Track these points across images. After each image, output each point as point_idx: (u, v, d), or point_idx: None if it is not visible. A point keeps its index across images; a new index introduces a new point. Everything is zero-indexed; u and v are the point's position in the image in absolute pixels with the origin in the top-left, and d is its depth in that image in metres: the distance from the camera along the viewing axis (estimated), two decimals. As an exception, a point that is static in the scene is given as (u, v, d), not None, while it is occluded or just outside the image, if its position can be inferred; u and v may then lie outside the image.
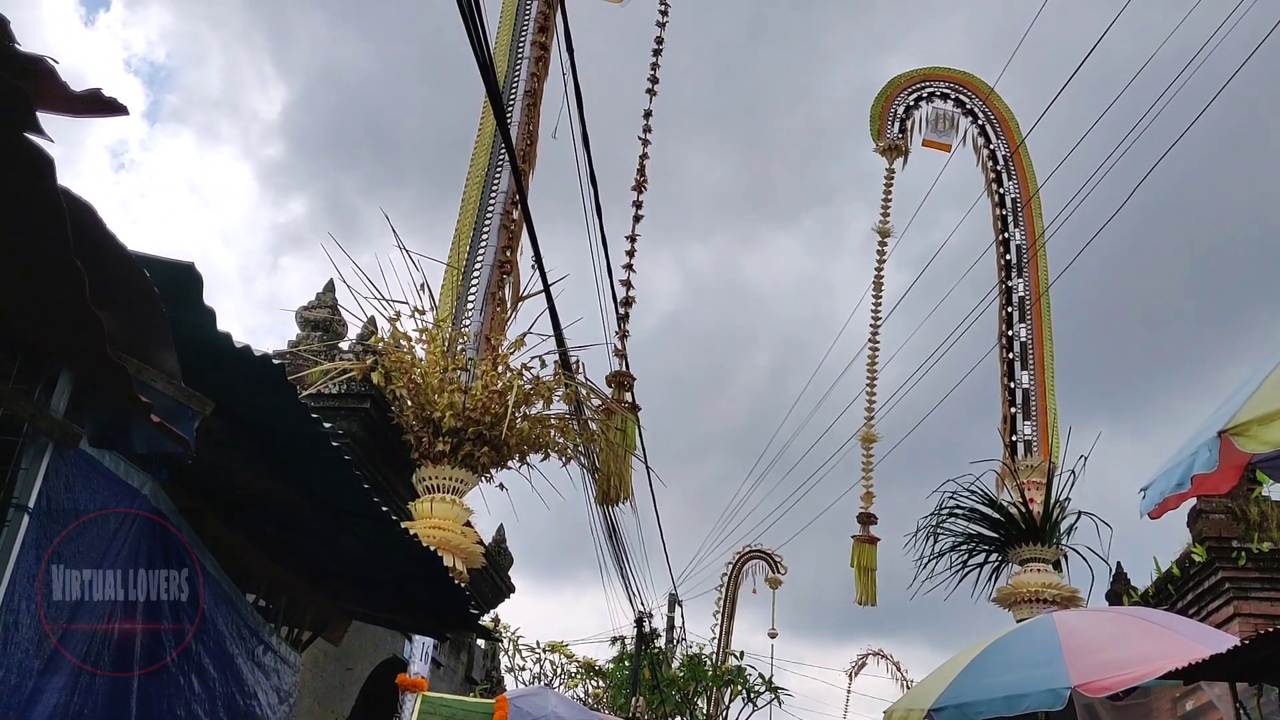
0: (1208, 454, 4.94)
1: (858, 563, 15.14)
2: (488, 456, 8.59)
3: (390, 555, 5.02)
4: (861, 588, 15.02)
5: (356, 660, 8.80)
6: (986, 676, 8.98)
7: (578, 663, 22.19)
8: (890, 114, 17.05)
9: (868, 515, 15.58)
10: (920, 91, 17.06)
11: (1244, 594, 10.67)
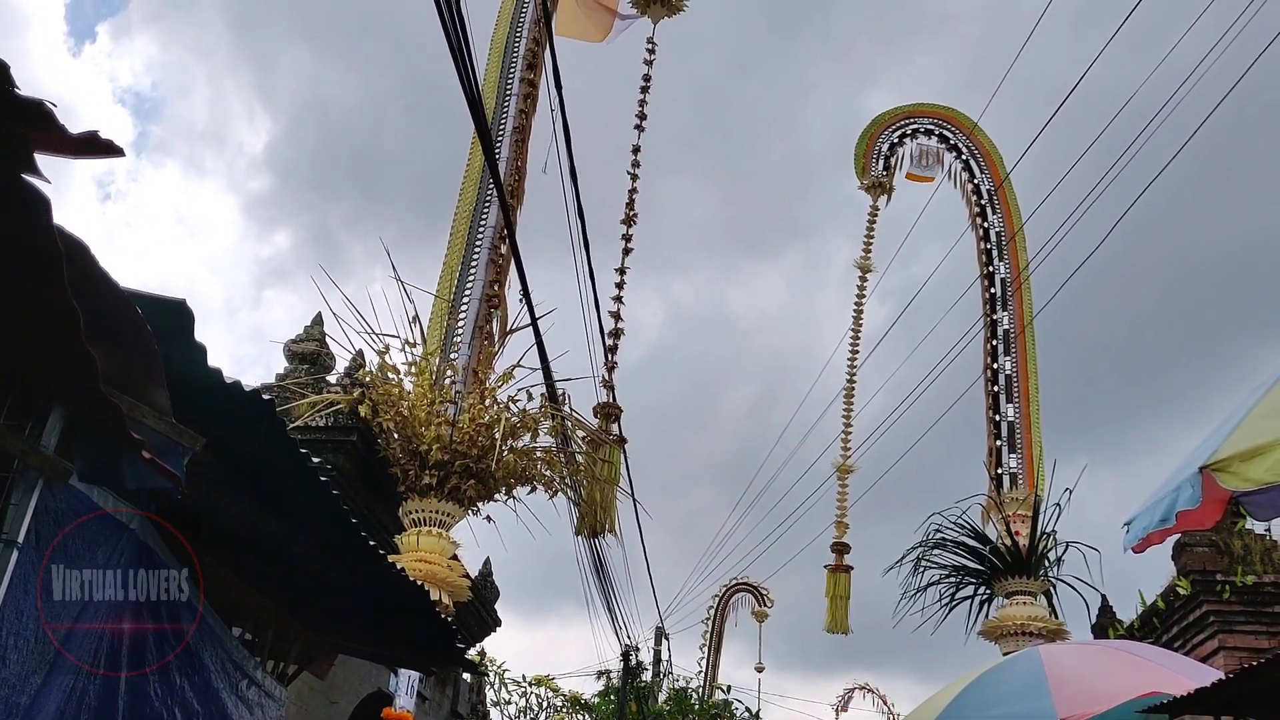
0: (1190, 490, 4.98)
1: (831, 591, 15.22)
2: (474, 489, 8.61)
3: (377, 589, 5.03)
4: (832, 616, 15.08)
5: (341, 694, 8.76)
6: (973, 710, 8.99)
7: (564, 697, 22.08)
8: (874, 151, 17.19)
9: (841, 545, 15.66)
10: (904, 128, 17.21)
11: (1229, 627, 10.70)
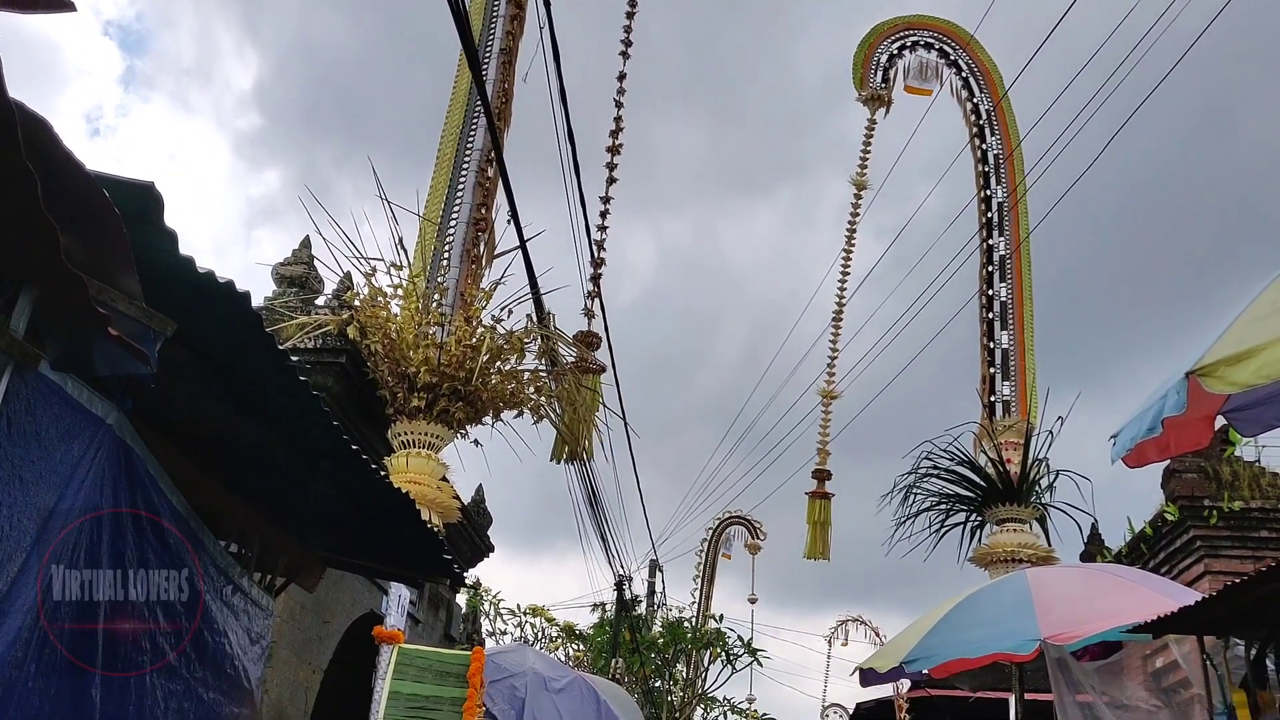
0: (1176, 396, 4.97)
1: (812, 518, 15.21)
2: (463, 412, 8.61)
3: (363, 498, 5.03)
4: (813, 542, 15.10)
5: (333, 614, 8.82)
6: (958, 630, 9.08)
7: (558, 627, 22.29)
8: (873, 62, 16.91)
9: (823, 472, 15.63)
10: (904, 40, 16.91)
11: (1214, 552, 10.79)
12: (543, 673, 10.80)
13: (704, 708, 26.54)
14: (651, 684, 23.64)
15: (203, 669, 4.60)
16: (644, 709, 21.18)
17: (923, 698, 25.85)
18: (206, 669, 4.64)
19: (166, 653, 4.29)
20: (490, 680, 9.79)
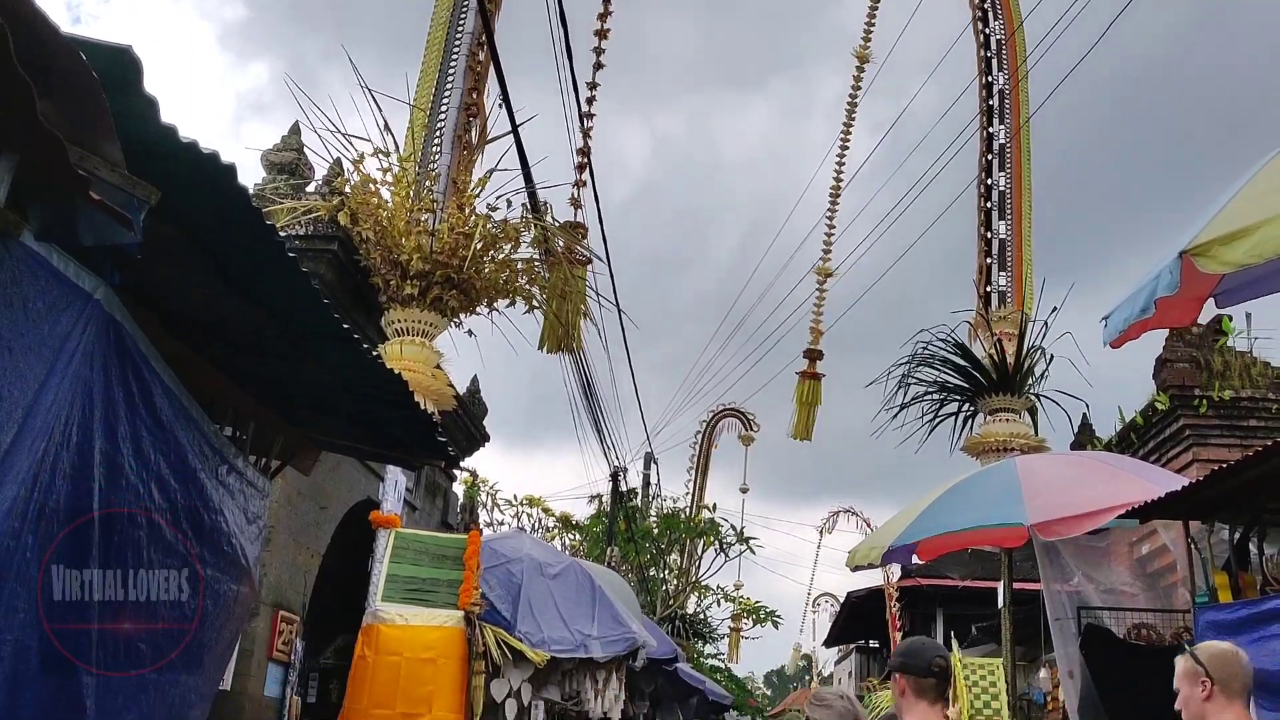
0: (1169, 276, 4.96)
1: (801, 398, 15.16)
2: (456, 300, 8.60)
3: (355, 380, 5.04)
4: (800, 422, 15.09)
5: (331, 500, 8.92)
6: (946, 516, 9.20)
7: (554, 517, 22.60)
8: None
9: (815, 352, 15.55)
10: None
11: (1203, 440, 10.89)
12: (538, 558, 10.97)
13: (698, 595, 27.09)
14: (646, 572, 24.08)
15: (200, 546, 4.66)
16: (639, 596, 21.61)
17: (913, 586, 26.39)
18: (204, 546, 4.70)
19: (163, 529, 4.34)
20: (486, 566, 9.94)
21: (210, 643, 4.94)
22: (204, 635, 4.82)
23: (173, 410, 4.29)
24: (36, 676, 3.60)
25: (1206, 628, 6.59)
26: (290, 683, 8.19)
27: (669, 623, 23.13)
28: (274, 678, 8.01)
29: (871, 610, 30.22)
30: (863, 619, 31.51)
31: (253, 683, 7.70)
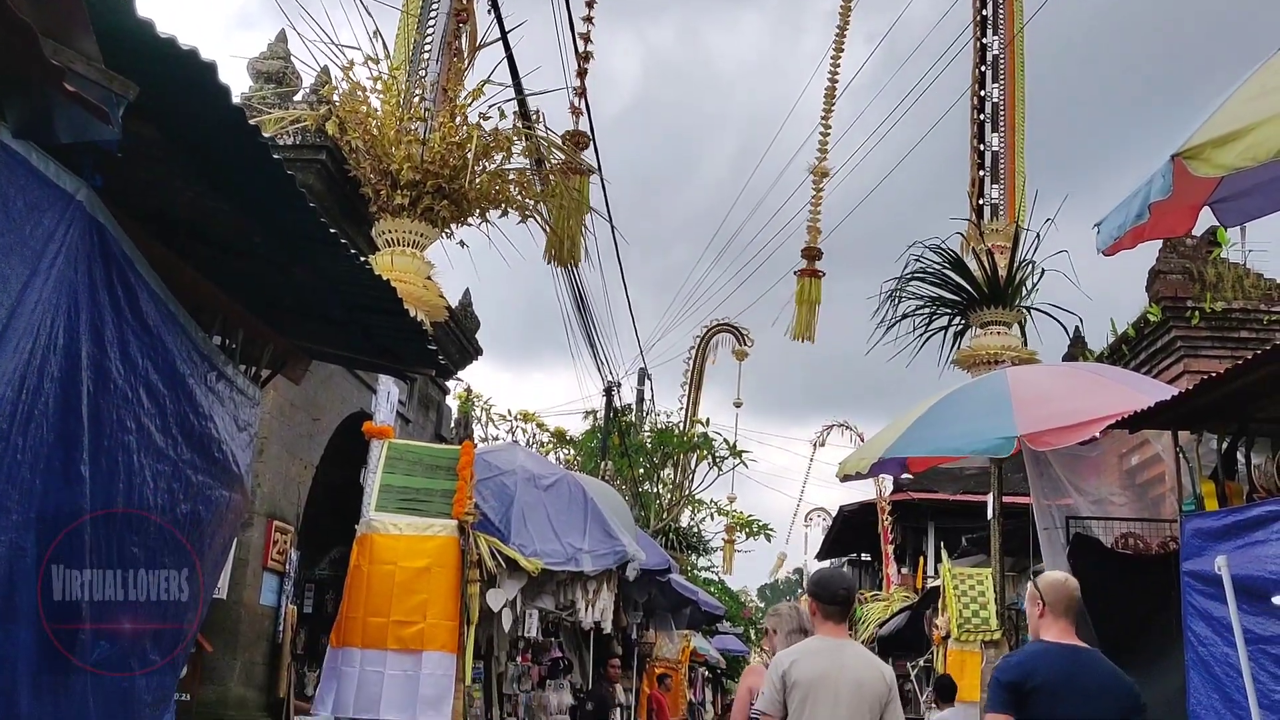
0: (1162, 180, 4.92)
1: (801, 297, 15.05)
2: (447, 210, 8.53)
3: (344, 286, 5.01)
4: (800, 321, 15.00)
5: (323, 412, 8.95)
6: (936, 427, 9.24)
7: (549, 432, 22.68)
8: None
9: (813, 250, 15.43)
10: None
11: (1194, 352, 10.91)
12: (532, 470, 11.03)
13: (691, 509, 27.34)
14: (640, 487, 24.27)
15: (190, 451, 4.67)
16: (633, 510, 21.81)
17: (904, 500, 26.66)
18: (194, 452, 4.71)
19: (153, 434, 4.34)
20: (480, 477, 10.00)
21: (204, 549, 4.97)
22: (197, 541, 4.85)
23: (160, 315, 4.27)
24: (29, 572, 3.63)
25: (1192, 535, 6.65)
26: (286, 592, 8.30)
27: (662, 536, 23.37)
28: (269, 587, 8.10)
29: (863, 524, 30.54)
30: (854, 532, 31.86)
31: (249, 592, 7.80)
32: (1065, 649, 4.93)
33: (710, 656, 27.07)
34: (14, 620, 3.62)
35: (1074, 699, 4.75)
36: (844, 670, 5.12)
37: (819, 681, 5.04)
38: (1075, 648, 4.98)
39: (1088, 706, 4.75)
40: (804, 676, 5.08)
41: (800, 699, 5.02)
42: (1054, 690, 4.75)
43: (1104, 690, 4.85)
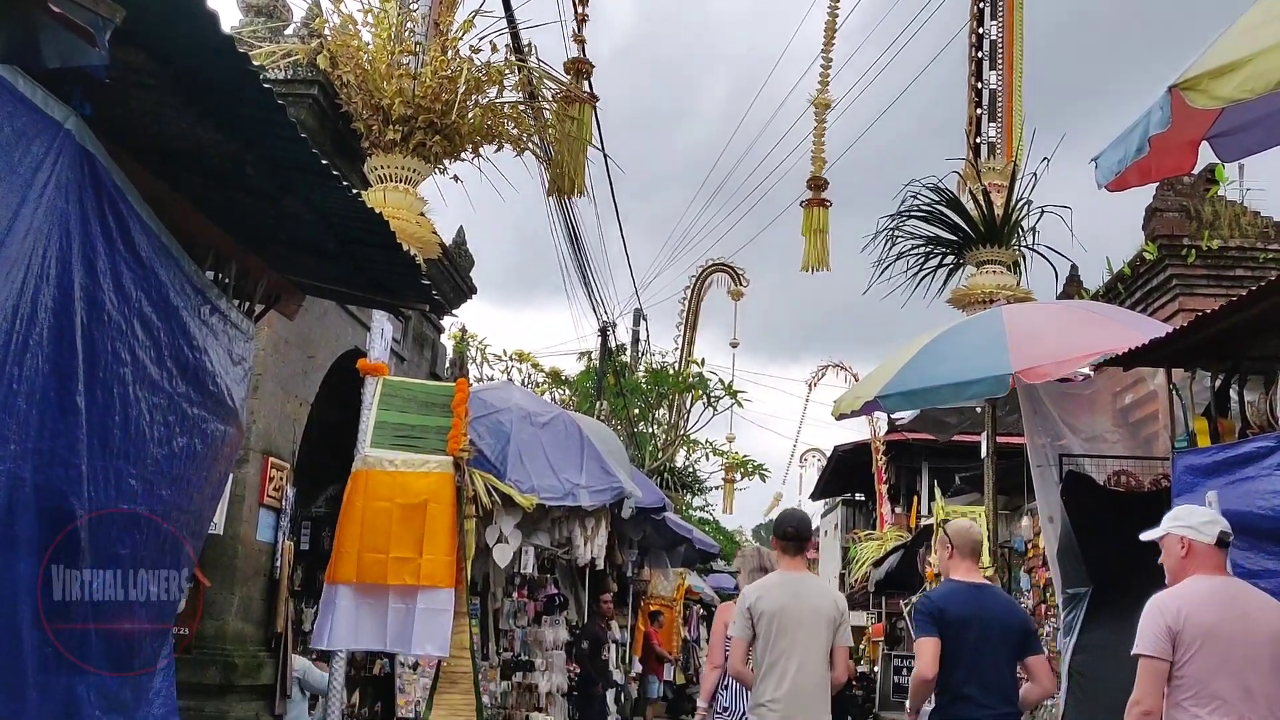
0: (1160, 112, 4.88)
1: (808, 227, 14.90)
2: (440, 145, 8.45)
3: (336, 218, 4.98)
4: (811, 251, 14.86)
5: (318, 349, 8.95)
6: (931, 365, 9.25)
7: (544, 372, 22.72)
8: None
9: (819, 180, 15.27)
10: None
11: (1189, 290, 10.93)
12: (527, 408, 11.08)
13: (686, 449, 27.48)
14: (635, 427, 24.36)
15: (185, 384, 4.67)
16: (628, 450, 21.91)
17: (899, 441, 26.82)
18: (189, 385, 4.71)
19: (148, 367, 4.34)
20: (475, 415, 10.03)
21: (200, 482, 4.99)
22: (193, 474, 4.87)
23: (152, 247, 4.25)
24: (29, 503, 3.64)
25: (1184, 472, 6.69)
26: (282, 528, 8.34)
27: (658, 475, 23.50)
28: (266, 523, 8.15)
29: (858, 464, 30.77)
30: (849, 472, 32.11)
31: (245, 527, 7.84)
32: (971, 586, 5.90)
33: (705, 594, 27.35)
34: (14, 550, 3.64)
35: (977, 627, 5.68)
36: (802, 600, 6.15)
37: (781, 611, 6.05)
38: (979, 585, 5.99)
39: (988, 632, 5.70)
40: (768, 607, 6.08)
41: (766, 625, 6.03)
42: (962, 620, 5.67)
43: (1001, 619, 5.82)
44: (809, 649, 6.02)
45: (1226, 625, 4.57)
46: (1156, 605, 4.75)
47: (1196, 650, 4.53)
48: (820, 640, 6.07)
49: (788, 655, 5.98)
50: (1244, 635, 4.55)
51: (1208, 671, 4.51)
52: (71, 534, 3.93)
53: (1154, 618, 4.69)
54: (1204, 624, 4.57)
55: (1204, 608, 4.62)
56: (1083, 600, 8.38)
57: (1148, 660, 4.65)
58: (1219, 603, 4.66)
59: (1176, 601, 4.70)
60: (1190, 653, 4.54)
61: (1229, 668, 4.50)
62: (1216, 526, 4.94)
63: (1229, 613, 4.62)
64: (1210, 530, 4.90)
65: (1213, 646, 4.52)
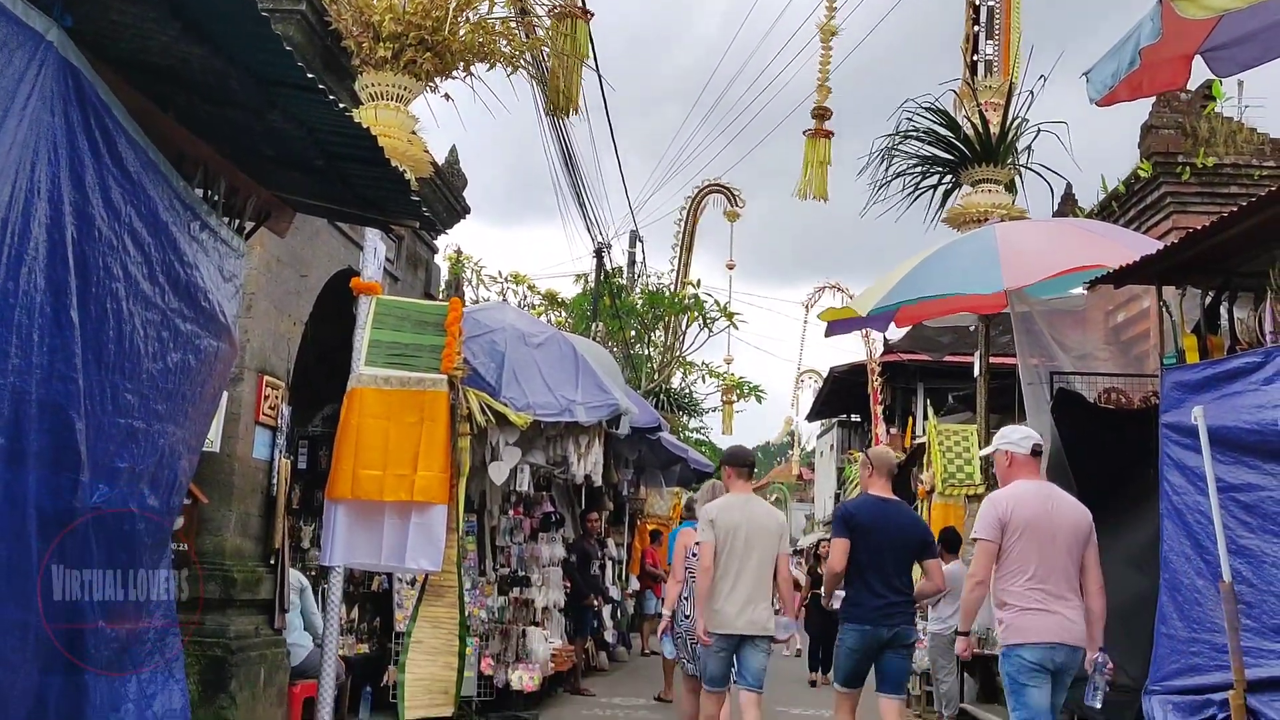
0: (1151, 24, 4.87)
1: (810, 157, 14.86)
2: (431, 63, 8.37)
3: (323, 134, 4.97)
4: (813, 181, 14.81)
5: (311, 269, 8.95)
6: (923, 282, 9.30)
7: (540, 294, 22.72)
8: None
9: (823, 110, 15.18)
10: None
11: (1183, 208, 10.92)
12: (521, 328, 11.14)
13: (683, 371, 27.57)
14: (632, 349, 24.41)
15: (178, 300, 4.69)
16: (624, 371, 21.99)
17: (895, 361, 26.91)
18: (181, 300, 4.73)
19: (140, 282, 4.36)
20: (470, 335, 10.08)
21: (194, 397, 5.04)
22: (187, 389, 4.91)
23: (140, 162, 4.25)
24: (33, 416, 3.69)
25: (1172, 388, 6.75)
26: (279, 446, 8.41)
27: (654, 397, 23.61)
28: (262, 441, 8.21)
29: (853, 385, 30.88)
30: (845, 393, 32.22)
31: (241, 445, 7.91)
32: (881, 499, 7.16)
33: (701, 514, 27.58)
34: (23, 464, 3.70)
35: (883, 533, 6.96)
36: (751, 516, 7.54)
37: (734, 526, 7.43)
38: (888, 499, 7.23)
39: (891, 539, 6.98)
40: (724, 521, 7.44)
41: (724, 535, 7.40)
42: (871, 527, 6.94)
43: (904, 529, 7.15)
44: (759, 556, 7.40)
45: (1040, 518, 6.06)
46: (991, 501, 6.28)
47: (1018, 536, 6.03)
48: (768, 548, 7.46)
49: (742, 559, 7.35)
50: (1050, 526, 6.06)
51: (1025, 552, 6.01)
52: (71, 447, 3.98)
53: (989, 510, 6.18)
54: (1025, 517, 6.06)
55: (1024, 504, 6.11)
56: (1071, 517, 8.50)
57: (984, 543, 6.13)
58: (1036, 500, 6.15)
59: (1006, 499, 6.19)
60: (1014, 538, 6.04)
61: (1039, 549, 6.00)
62: (1030, 440, 6.40)
63: (1042, 509, 6.10)
64: (1026, 444, 6.37)
65: (1030, 534, 6.03)
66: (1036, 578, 5.94)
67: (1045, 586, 5.93)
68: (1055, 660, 5.89)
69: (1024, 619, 5.93)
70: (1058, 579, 5.95)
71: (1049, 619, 5.89)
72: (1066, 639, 5.91)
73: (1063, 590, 5.97)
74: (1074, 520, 6.14)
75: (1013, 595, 5.98)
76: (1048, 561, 5.97)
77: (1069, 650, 5.93)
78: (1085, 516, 6.23)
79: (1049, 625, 5.89)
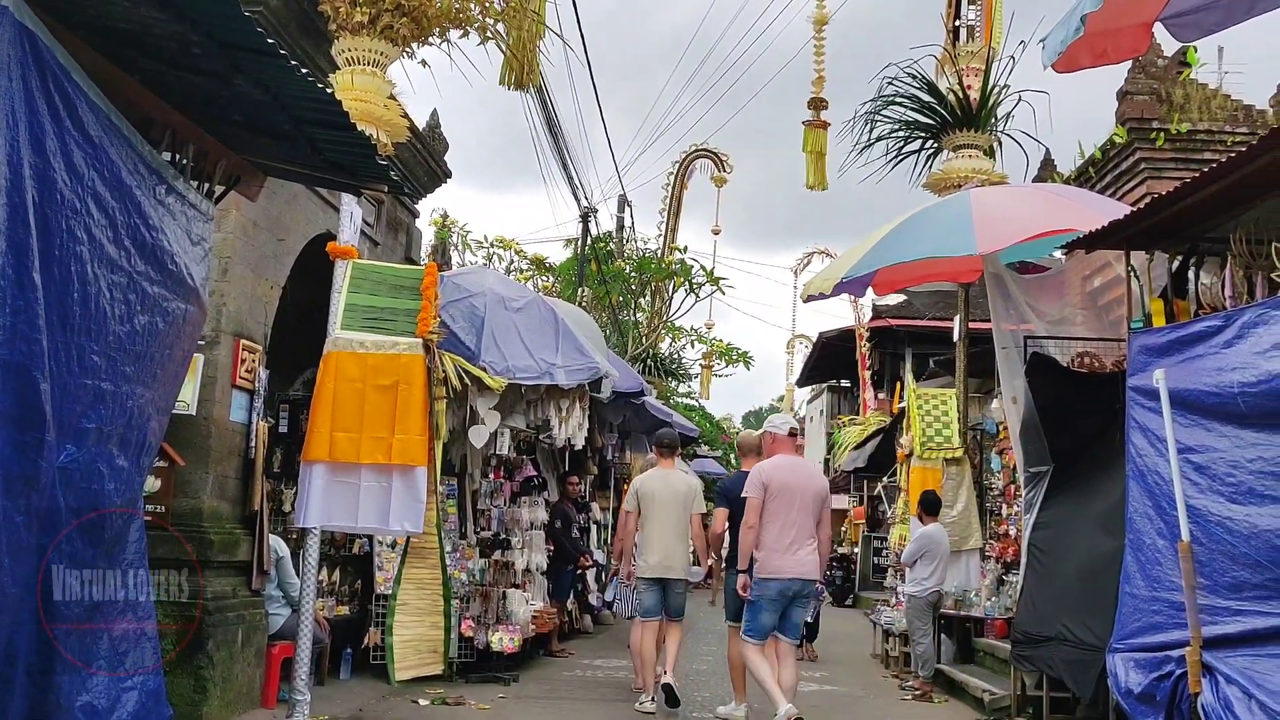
0: (1094, -12, 4.90)
1: (808, 148, 15.01)
2: (407, 28, 8.38)
3: (287, 98, 5.01)
4: (812, 172, 14.97)
5: (289, 232, 8.97)
6: (899, 247, 9.37)
7: (527, 259, 22.70)
8: None
9: (819, 100, 15.27)
10: None
11: (1158, 174, 10.96)
12: (501, 293, 11.17)
13: (671, 336, 27.61)
14: (618, 314, 24.45)
15: (144, 263, 4.75)
16: (611, 337, 22.04)
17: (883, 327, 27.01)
18: (148, 263, 4.79)
19: (105, 245, 4.42)
20: (449, 299, 10.13)
21: (163, 359, 5.11)
22: (155, 351, 4.98)
23: (102, 126, 4.29)
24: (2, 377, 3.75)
25: (1139, 352, 6.82)
26: (256, 409, 8.46)
27: (640, 362, 23.66)
28: (239, 404, 8.26)
29: (842, 350, 30.99)
30: (834, 358, 32.35)
31: (218, 408, 7.96)
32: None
33: (689, 479, 27.70)
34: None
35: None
36: (669, 485, 9.49)
37: (654, 493, 9.43)
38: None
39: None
40: (646, 489, 9.50)
41: (646, 501, 9.42)
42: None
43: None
44: (674, 517, 9.34)
45: (791, 482, 8.16)
46: (757, 469, 8.36)
47: (774, 495, 8.07)
48: (680, 510, 9.37)
49: (662, 521, 9.32)
50: (798, 488, 8.15)
51: (779, 507, 8.05)
52: (36, 407, 4.04)
53: (755, 475, 8.26)
54: (780, 481, 8.14)
55: (780, 472, 8.21)
56: (1043, 479, 8.59)
57: (752, 499, 8.09)
58: (789, 470, 8.28)
59: (768, 468, 8.27)
60: (773, 497, 8.06)
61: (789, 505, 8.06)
62: (788, 424, 8.74)
63: (793, 476, 8.22)
64: (784, 427, 8.65)
65: (783, 494, 8.08)
66: (785, 526, 8.04)
67: (790, 534, 8.04)
68: (793, 590, 8.07)
69: (773, 559, 8.02)
70: (800, 529, 8.08)
71: (790, 559, 8.03)
72: (802, 574, 8.08)
73: (803, 538, 8.09)
74: (815, 487, 8.31)
75: (766, 540, 8.04)
76: (792, 516, 8.05)
77: (804, 582, 8.12)
78: (823, 484, 8.52)
79: (789, 565, 8.03)
